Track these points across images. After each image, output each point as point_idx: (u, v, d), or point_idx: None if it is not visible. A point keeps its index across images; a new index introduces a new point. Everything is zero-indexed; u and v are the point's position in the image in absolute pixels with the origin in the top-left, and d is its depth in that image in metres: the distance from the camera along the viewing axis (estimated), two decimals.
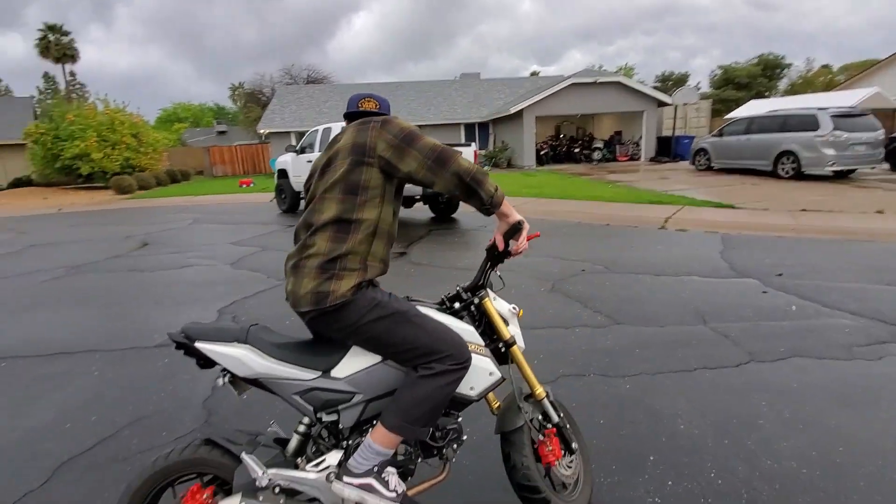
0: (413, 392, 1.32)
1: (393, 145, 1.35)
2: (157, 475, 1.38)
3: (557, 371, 2.75)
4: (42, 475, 2.02)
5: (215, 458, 1.39)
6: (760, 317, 3.47)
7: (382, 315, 1.33)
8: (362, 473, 1.31)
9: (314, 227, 1.37)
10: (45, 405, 2.60)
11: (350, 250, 1.34)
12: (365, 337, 1.35)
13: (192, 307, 4.19)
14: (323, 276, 1.32)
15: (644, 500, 1.75)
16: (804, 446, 2.01)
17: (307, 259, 1.35)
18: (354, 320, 1.32)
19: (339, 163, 1.38)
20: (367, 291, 1.36)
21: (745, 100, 27.71)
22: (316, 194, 1.41)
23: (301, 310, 1.35)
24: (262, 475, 1.31)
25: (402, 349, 1.34)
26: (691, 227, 6.98)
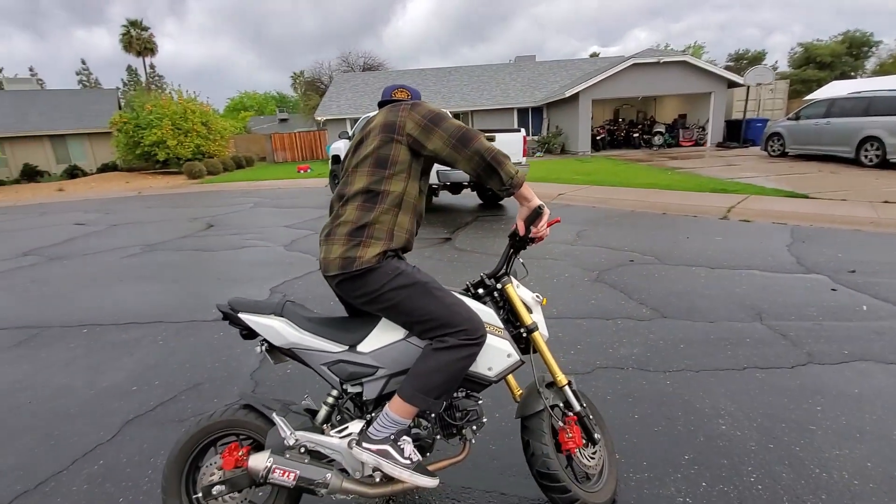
0: (427, 363, 1.37)
1: (421, 125, 1.43)
2: (202, 433, 1.52)
3: (594, 363, 2.69)
4: (111, 430, 2.26)
5: (252, 421, 1.51)
6: (825, 316, 3.19)
7: (405, 284, 1.40)
8: (380, 440, 1.39)
9: (345, 197, 1.48)
10: (118, 369, 2.90)
11: (376, 220, 1.43)
12: (386, 304, 1.41)
13: (247, 285, 4.47)
14: (351, 242, 1.41)
15: (674, 500, 1.69)
16: (859, 457, 1.86)
17: (337, 227, 1.46)
18: (378, 287, 1.40)
19: (370, 140, 1.47)
20: (392, 261, 1.43)
21: (828, 80, 25.12)
22: (349, 169, 1.51)
23: (329, 274, 1.45)
24: (290, 435, 1.42)
25: (419, 319, 1.39)
26: (757, 217, 6.49)
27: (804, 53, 37.32)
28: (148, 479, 1.91)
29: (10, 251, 6.71)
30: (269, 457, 1.42)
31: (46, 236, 7.84)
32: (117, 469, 1.98)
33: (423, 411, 1.45)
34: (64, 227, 8.82)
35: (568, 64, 26.13)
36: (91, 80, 51.79)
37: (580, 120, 18.55)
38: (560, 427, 1.58)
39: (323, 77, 36.74)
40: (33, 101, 24.71)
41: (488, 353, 1.49)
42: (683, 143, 19.01)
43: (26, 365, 3.02)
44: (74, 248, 6.65)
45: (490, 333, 1.48)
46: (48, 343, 3.35)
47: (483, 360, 1.49)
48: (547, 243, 5.56)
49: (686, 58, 18.27)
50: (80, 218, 9.90)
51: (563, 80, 23.23)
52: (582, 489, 1.56)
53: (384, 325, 1.52)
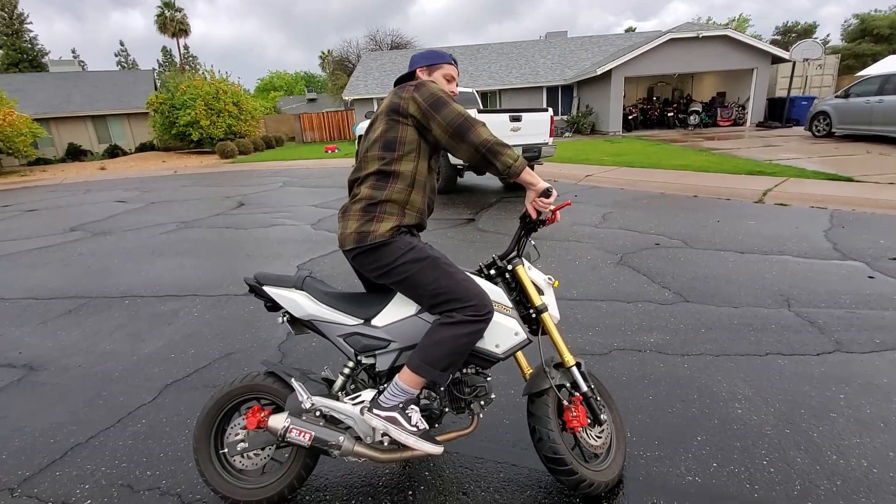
0: (435, 337, 1.43)
1: (422, 109, 1.47)
2: (227, 397, 1.64)
3: (611, 344, 2.70)
4: (152, 393, 2.44)
5: (273, 386, 1.62)
6: (859, 304, 3.09)
7: (417, 258, 1.46)
8: (389, 408, 1.47)
9: (360, 178, 1.55)
10: (157, 337, 3.10)
11: (389, 198, 1.49)
12: (399, 277, 1.47)
13: (276, 262, 4.63)
14: (364, 217, 1.49)
15: (683, 478, 1.72)
16: (881, 447, 1.83)
17: (353, 204, 1.54)
18: (391, 260, 1.46)
19: (378, 124, 1.53)
20: (405, 236, 1.50)
21: (885, 55, 23.32)
22: (362, 151, 1.57)
23: (346, 248, 1.53)
24: (307, 400, 1.52)
25: (430, 293, 1.45)
26: (795, 201, 6.23)
27: (860, 25, 34.68)
28: (185, 437, 2.06)
29: (60, 226, 7.13)
30: (287, 418, 1.52)
31: (91, 213, 8.27)
32: (158, 428, 2.15)
33: (430, 383, 1.51)
34: (107, 204, 9.26)
35: (601, 40, 25.19)
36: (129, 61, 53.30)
37: (612, 99, 17.97)
38: (566, 406, 1.62)
39: (351, 56, 36.63)
40: (76, 83, 25.68)
41: (496, 330, 1.54)
42: (721, 123, 18.20)
43: (75, 332, 3.26)
44: (116, 224, 7.01)
45: (498, 312, 1.53)
46: (94, 312, 3.59)
47: (491, 338, 1.54)
48: (571, 225, 5.51)
49: (727, 31, 17.32)
50: (121, 196, 10.36)
51: (596, 56, 22.45)
52: (589, 468, 1.61)
53: (397, 302, 1.59)
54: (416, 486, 1.74)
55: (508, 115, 7.52)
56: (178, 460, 1.93)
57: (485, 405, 1.64)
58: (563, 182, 8.94)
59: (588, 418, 1.64)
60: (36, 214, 8.59)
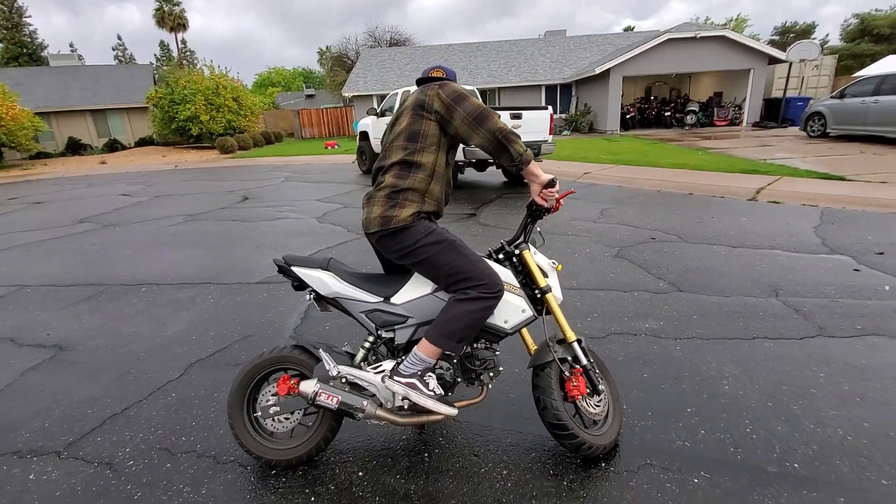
0: (451, 311, 1.59)
1: (446, 104, 1.63)
2: (258, 367, 1.80)
3: (608, 329, 2.87)
4: (178, 370, 2.59)
5: (300, 357, 1.78)
6: (844, 294, 3.27)
7: (435, 241, 1.62)
8: (409, 375, 1.63)
9: (385, 167, 1.70)
10: (177, 321, 3.25)
11: (411, 186, 1.64)
12: (419, 258, 1.63)
13: (283, 253, 4.77)
14: (388, 203, 1.64)
15: (674, 443, 1.89)
16: (856, 418, 2.00)
17: (378, 191, 1.69)
18: (412, 242, 1.62)
19: (403, 118, 1.69)
20: (424, 221, 1.66)
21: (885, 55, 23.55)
22: (387, 143, 1.74)
23: (370, 231, 1.68)
24: (333, 368, 1.69)
25: (447, 272, 1.60)
26: (787, 199, 6.41)
27: (859, 25, 34.83)
28: (214, 409, 2.22)
29: (68, 218, 7.25)
30: (316, 383, 1.68)
31: (97, 205, 8.38)
32: (187, 401, 2.30)
33: (445, 353, 1.67)
34: (111, 197, 9.37)
35: (599, 39, 25.34)
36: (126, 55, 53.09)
37: (610, 98, 18.14)
38: (567, 377, 1.79)
39: (349, 53, 36.62)
40: (75, 77, 25.65)
41: (504, 307, 1.70)
42: (718, 123, 18.40)
43: (97, 316, 3.41)
44: (124, 217, 7.13)
45: (507, 291, 1.69)
46: (113, 299, 3.74)
47: (500, 314, 1.71)
48: (570, 220, 5.68)
49: (724, 32, 17.50)
50: (125, 189, 10.47)
51: (594, 55, 22.60)
52: (588, 433, 1.78)
53: (415, 281, 1.75)
54: (431, 450, 1.91)
55: (509, 113, 7.68)
56: (210, 428, 2.09)
57: (493, 377, 1.80)
58: (562, 179, 9.09)
59: (587, 388, 1.81)
60: (42, 207, 8.70)
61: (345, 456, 1.89)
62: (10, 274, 4.56)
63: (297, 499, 1.69)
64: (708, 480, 1.69)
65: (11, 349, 2.98)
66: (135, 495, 1.74)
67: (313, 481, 1.77)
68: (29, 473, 1.89)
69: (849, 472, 1.71)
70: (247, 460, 1.87)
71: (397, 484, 1.74)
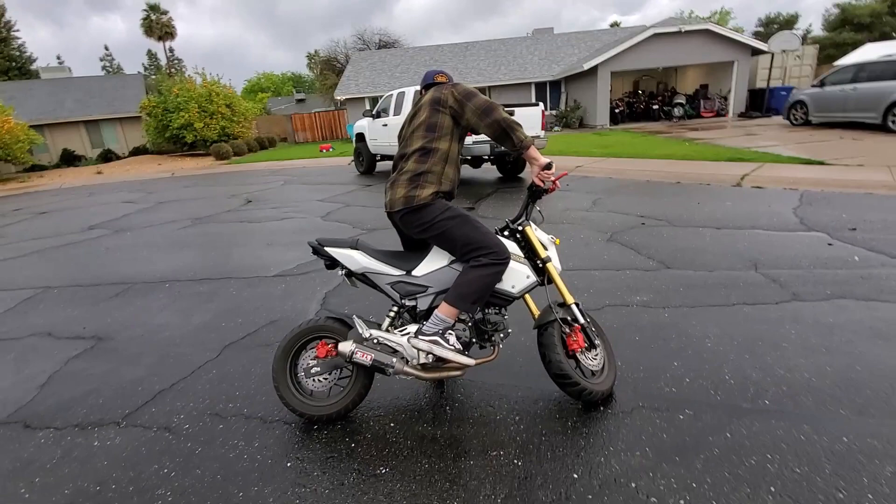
0: (466, 277, 1.87)
1: (458, 100, 1.93)
2: (300, 335, 2.07)
3: (603, 302, 3.15)
4: (214, 351, 2.84)
5: (336, 326, 2.04)
6: (817, 266, 3.56)
7: (451, 216, 1.89)
8: (431, 334, 1.91)
9: (406, 155, 1.98)
10: (204, 311, 3.49)
11: (429, 169, 1.92)
12: (438, 231, 1.90)
13: (295, 249, 5.02)
14: (411, 185, 1.91)
15: (662, 390, 2.16)
16: (822, 364, 2.29)
17: (401, 175, 1.96)
18: (431, 218, 1.89)
19: (422, 112, 1.99)
20: (441, 200, 1.94)
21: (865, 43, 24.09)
22: (407, 134, 2.02)
23: (395, 209, 1.95)
24: (366, 331, 1.95)
25: (461, 243, 1.88)
26: (770, 184, 6.73)
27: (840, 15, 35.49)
28: (254, 381, 2.47)
29: (77, 226, 7.44)
30: (352, 343, 1.94)
31: (103, 213, 8.57)
32: (228, 376, 2.55)
33: (462, 314, 1.94)
34: (115, 205, 9.56)
35: (586, 36, 25.71)
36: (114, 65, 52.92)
37: (598, 93, 18.48)
38: (567, 334, 2.06)
39: (339, 56, 36.75)
40: (67, 89, 25.68)
41: (511, 274, 1.98)
42: (704, 114, 18.80)
43: (128, 310, 3.64)
44: (132, 222, 7.34)
45: (513, 260, 1.97)
46: (139, 295, 3.97)
47: (508, 280, 1.98)
48: (564, 210, 5.96)
49: (708, 26, 17.90)
50: (127, 197, 10.64)
51: (582, 52, 22.95)
52: (588, 382, 2.05)
53: (433, 256, 2.02)
54: (451, 404, 2.18)
55: None
56: (252, 396, 2.34)
57: (503, 338, 2.06)
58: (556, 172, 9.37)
59: (585, 343, 2.08)
60: (49, 216, 8.88)
61: (377, 412, 2.15)
62: (33, 277, 4.77)
63: (339, 446, 1.95)
64: (691, 416, 1.97)
65: (51, 342, 3.22)
66: (195, 450, 1.99)
67: (352, 432, 2.03)
68: (93, 441, 2.13)
69: (812, 406, 2.00)
70: (291, 419, 2.13)
71: (425, 430, 2.01)
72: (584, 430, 1.94)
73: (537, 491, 1.65)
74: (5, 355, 3.05)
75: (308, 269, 4.28)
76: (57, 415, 2.34)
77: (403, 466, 1.82)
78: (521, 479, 1.71)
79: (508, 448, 1.87)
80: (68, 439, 2.16)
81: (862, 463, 1.68)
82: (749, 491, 1.59)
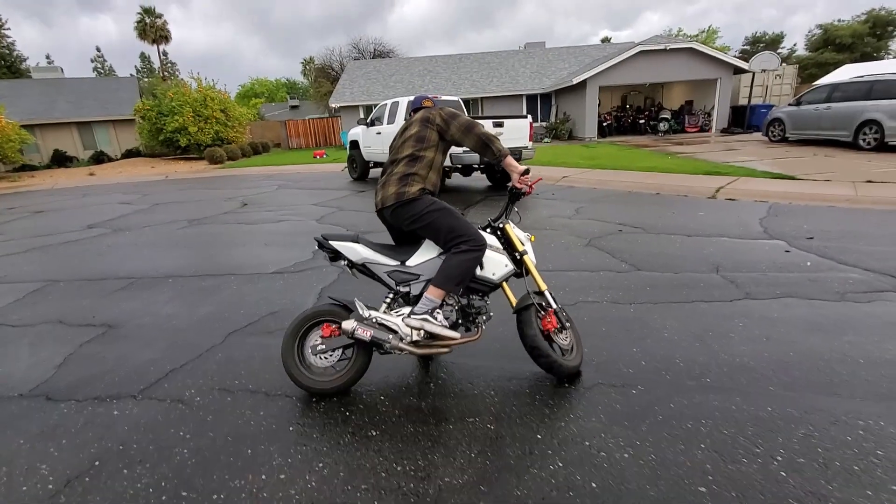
0: (450, 262, 2.18)
1: (444, 119, 2.31)
2: (306, 318, 2.34)
3: (577, 299, 3.46)
4: (219, 338, 3.09)
5: (337, 310, 2.32)
6: (772, 270, 3.92)
7: (437, 208, 2.21)
8: (422, 313, 2.20)
9: (397, 160, 2.32)
10: (207, 304, 3.74)
11: (416, 172, 2.26)
12: (425, 223, 2.21)
13: (292, 248, 5.28)
14: (401, 183, 2.24)
15: (620, 370, 2.47)
16: (761, 350, 2.61)
17: (391, 176, 2.29)
18: (419, 210, 2.21)
19: (412, 127, 2.35)
20: (427, 195, 2.26)
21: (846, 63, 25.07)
22: (398, 145, 2.37)
23: (388, 205, 2.26)
24: (365, 311, 2.23)
25: (445, 231, 2.19)
26: (742, 196, 7.14)
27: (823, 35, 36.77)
28: (257, 363, 2.73)
29: (75, 225, 7.62)
30: (354, 321, 2.22)
31: (100, 213, 8.74)
32: (234, 359, 2.81)
33: (448, 295, 2.24)
34: (111, 205, 9.72)
35: (577, 51, 26.42)
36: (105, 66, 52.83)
37: (587, 106, 19.04)
38: (542, 316, 2.37)
39: (333, 64, 37.19)
40: (60, 90, 25.69)
41: (492, 264, 2.28)
42: (689, 130, 19.43)
43: (135, 302, 3.87)
44: (130, 222, 7.53)
45: (492, 250, 2.28)
46: (144, 288, 4.20)
47: (489, 268, 2.28)
48: (548, 217, 6.30)
49: (692, 44, 18.59)
50: (122, 198, 10.80)
51: (572, 66, 23.59)
52: (558, 357, 2.35)
53: (424, 248, 2.31)
54: (435, 381, 2.46)
55: (492, 122, 8.32)
56: (256, 374, 2.60)
57: (486, 321, 2.36)
58: (543, 183, 9.75)
59: (557, 324, 2.39)
60: (45, 215, 9.02)
61: (369, 388, 2.43)
62: (38, 271, 4.97)
63: (335, 414, 2.22)
64: (642, 391, 2.27)
65: (63, 329, 3.44)
66: (207, 418, 2.25)
67: (346, 404, 2.30)
68: (112, 410, 2.37)
69: (746, 383, 2.31)
70: (293, 393, 2.39)
71: (411, 402, 2.28)
72: (550, 401, 2.23)
73: (506, 448, 1.94)
74: (20, 340, 3.27)
75: (305, 267, 4.54)
76: (77, 389, 2.58)
77: (392, 430, 2.09)
78: (492, 440, 1.99)
79: (484, 416, 2.15)
80: (89, 409, 2.39)
81: (780, 426, 1.99)
82: (683, 447, 1.89)
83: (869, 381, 2.30)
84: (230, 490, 1.79)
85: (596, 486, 1.73)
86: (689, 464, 1.80)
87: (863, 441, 1.90)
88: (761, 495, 1.65)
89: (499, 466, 1.84)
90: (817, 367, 2.42)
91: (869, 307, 3.13)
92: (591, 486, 1.73)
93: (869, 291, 3.39)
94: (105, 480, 1.89)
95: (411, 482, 1.79)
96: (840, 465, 1.78)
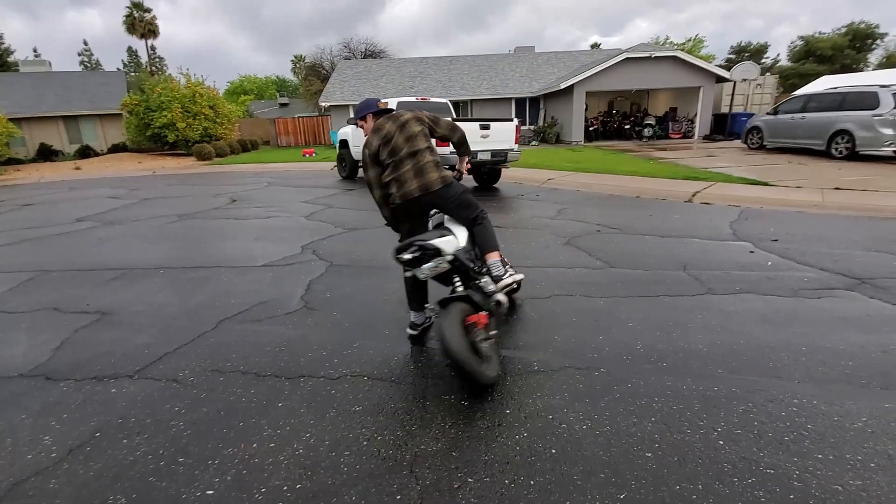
0: (484, 230, 2.71)
1: (432, 119, 2.76)
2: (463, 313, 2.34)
3: (552, 292, 3.68)
4: (211, 325, 3.25)
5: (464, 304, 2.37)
6: (736, 269, 4.18)
7: (466, 190, 2.68)
8: (505, 272, 2.69)
9: (419, 151, 2.66)
10: (199, 293, 3.88)
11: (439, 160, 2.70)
12: (463, 200, 2.69)
13: (282, 244, 5.42)
14: (438, 169, 2.66)
15: (586, 356, 2.68)
16: (714, 339, 2.85)
17: (426, 164, 2.64)
18: (459, 190, 2.69)
19: (411, 125, 2.69)
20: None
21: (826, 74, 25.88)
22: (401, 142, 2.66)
23: (433, 189, 2.61)
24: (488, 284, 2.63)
25: (472, 207, 2.68)
26: (717, 201, 7.45)
27: (804, 47, 37.83)
28: (247, 348, 2.89)
29: (65, 218, 7.65)
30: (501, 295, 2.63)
31: (89, 207, 8.76)
32: (226, 343, 2.97)
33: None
34: (99, 199, 9.73)
35: (566, 56, 26.85)
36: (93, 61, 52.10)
37: (574, 111, 19.40)
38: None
39: (324, 62, 37.18)
40: (48, 84, 25.36)
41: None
42: (672, 136, 19.92)
43: (127, 292, 4.00)
44: (119, 216, 7.59)
45: None
46: (136, 279, 4.32)
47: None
48: (531, 217, 6.53)
49: (676, 53, 19.07)
50: (110, 193, 10.80)
51: (561, 71, 23.99)
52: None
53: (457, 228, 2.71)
54: (415, 364, 2.65)
55: (478, 124, 8.53)
56: (247, 358, 2.76)
57: None
58: (528, 184, 10.01)
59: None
60: (34, 208, 9.01)
61: (354, 371, 2.61)
62: (30, 262, 5.05)
63: (322, 392, 2.40)
64: (604, 373, 2.49)
65: (58, 315, 3.56)
66: (200, 395, 2.41)
67: (331, 385, 2.48)
68: (110, 389, 2.52)
69: (698, 367, 2.54)
70: (282, 372, 2.56)
71: (392, 383, 2.47)
72: (521, 382, 2.44)
73: (478, 421, 2.14)
74: (17, 325, 3.39)
75: (293, 261, 4.70)
76: (74, 370, 2.71)
77: (374, 406, 2.28)
78: (465, 413, 2.19)
79: (459, 394, 2.35)
80: (87, 388, 2.54)
81: (724, 403, 2.22)
82: (635, 420, 2.10)
83: (808, 366, 2.54)
84: (224, 457, 1.96)
85: (555, 452, 1.93)
86: (640, 434, 2.02)
87: (795, 416, 2.13)
88: (700, 460, 1.87)
89: (470, 436, 2.04)
90: (763, 354, 2.66)
91: (818, 302, 3.40)
92: (552, 452, 1.93)
93: (820, 289, 3.66)
94: (106, 449, 2.04)
95: (390, 449, 1.97)
96: (772, 436, 2.01)
